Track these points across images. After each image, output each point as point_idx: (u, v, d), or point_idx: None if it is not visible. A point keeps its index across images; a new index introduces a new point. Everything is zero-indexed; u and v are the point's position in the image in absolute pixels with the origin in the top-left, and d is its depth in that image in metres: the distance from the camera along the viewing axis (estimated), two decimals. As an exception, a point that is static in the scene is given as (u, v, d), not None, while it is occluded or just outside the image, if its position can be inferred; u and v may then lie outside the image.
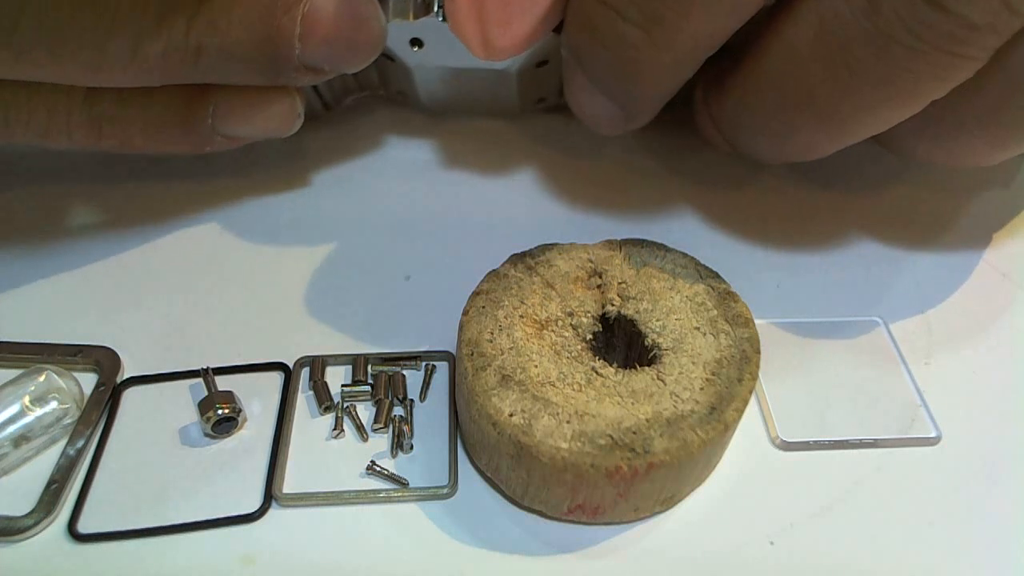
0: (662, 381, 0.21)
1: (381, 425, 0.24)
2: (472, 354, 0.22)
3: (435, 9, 0.28)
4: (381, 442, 0.24)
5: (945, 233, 0.31)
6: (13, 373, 0.24)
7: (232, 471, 0.23)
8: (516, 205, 0.32)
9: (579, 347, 0.23)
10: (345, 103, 0.35)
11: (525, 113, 0.35)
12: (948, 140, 0.25)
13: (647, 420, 0.20)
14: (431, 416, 0.25)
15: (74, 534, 0.22)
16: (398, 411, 0.25)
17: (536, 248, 0.25)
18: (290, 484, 0.23)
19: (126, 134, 0.27)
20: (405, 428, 0.24)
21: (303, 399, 0.25)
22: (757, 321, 0.23)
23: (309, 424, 0.25)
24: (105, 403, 0.25)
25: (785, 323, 0.27)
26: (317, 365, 0.26)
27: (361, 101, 0.35)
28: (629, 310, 0.23)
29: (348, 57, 0.25)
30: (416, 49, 0.29)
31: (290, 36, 0.24)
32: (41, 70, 0.23)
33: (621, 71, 0.26)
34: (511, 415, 0.21)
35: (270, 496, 0.23)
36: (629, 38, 0.24)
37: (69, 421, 0.24)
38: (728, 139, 0.28)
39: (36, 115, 0.25)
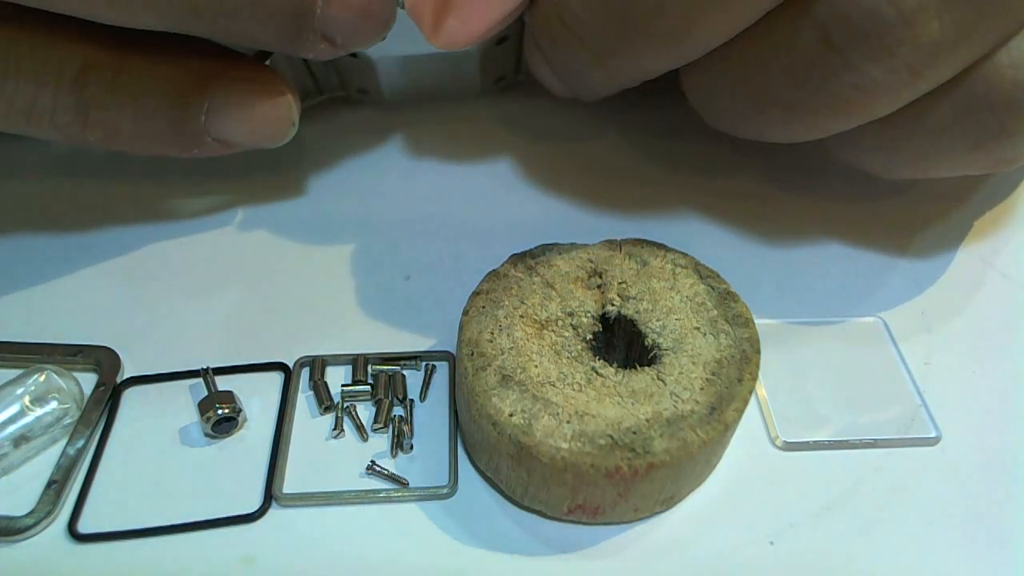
0: (662, 381, 0.21)
1: (381, 425, 0.24)
2: (472, 354, 0.22)
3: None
4: (381, 442, 0.24)
5: (945, 233, 0.31)
6: (13, 373, 0.24)
7: (232, 471, 0.23)
8: (516, 205, 0.32)
9: (579, 347, 0.23)
10: (304, 106, 0.33)
11: (485, 93, 0.35)
12: (919, 155, 0.25)
13: (647, 420, 0.20)
14: (431, 416, 0.25)
15: (74, 534, 0.22)
16: (398, 411, 0.25)
17: (536, 248, 0.25)
18: (290, 484, 0.23)
19: (113, 125, 0.25)
20: (405, 428, 0.24)
21: (303, 399, 0.25)
22: (757, 321, 0.23)
23: (309, 424, 0.25)
24: (105, 403, 0.25)
25: (785, 323, 0.27)
26: (317, 365, 0.26)
27: (325, 104, 0.34)
28: (629, 310, 0.23)
29: (363, 28, 0.24)
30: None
31: None
32: None
33: (574, 76, 0.26)
34: (511, 415, 0.21)
35: (270, 496, 0.23)
36: (584, 59, 0.25)
37: (69, 421, 0.24)
38: (696, 107, 0.28)
39: (22, 89, 0.24)
